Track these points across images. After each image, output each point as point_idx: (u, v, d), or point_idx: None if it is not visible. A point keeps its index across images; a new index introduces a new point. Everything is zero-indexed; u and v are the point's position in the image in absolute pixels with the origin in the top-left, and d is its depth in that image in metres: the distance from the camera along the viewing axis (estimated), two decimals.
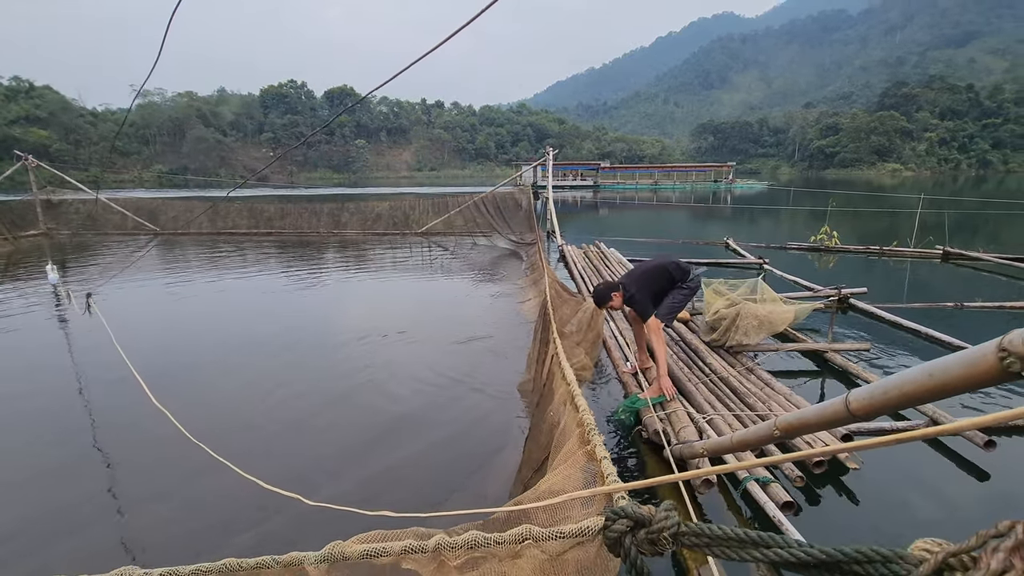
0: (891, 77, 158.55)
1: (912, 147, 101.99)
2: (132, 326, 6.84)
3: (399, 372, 5.34)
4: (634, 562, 0.75)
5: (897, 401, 1.06)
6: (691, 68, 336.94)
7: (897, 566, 0.55)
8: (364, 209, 17.38)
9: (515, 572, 0.81)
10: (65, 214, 17.74)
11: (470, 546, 0.82)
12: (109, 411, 4.59)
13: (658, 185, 54.61)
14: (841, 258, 11.73)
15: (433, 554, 0.82)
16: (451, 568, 0.80)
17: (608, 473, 0.93)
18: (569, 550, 0.83)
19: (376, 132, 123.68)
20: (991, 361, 0.83)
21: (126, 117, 60.27)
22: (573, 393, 1.22)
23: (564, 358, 1.80)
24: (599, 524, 0.81)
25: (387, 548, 0.80)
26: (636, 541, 0.75)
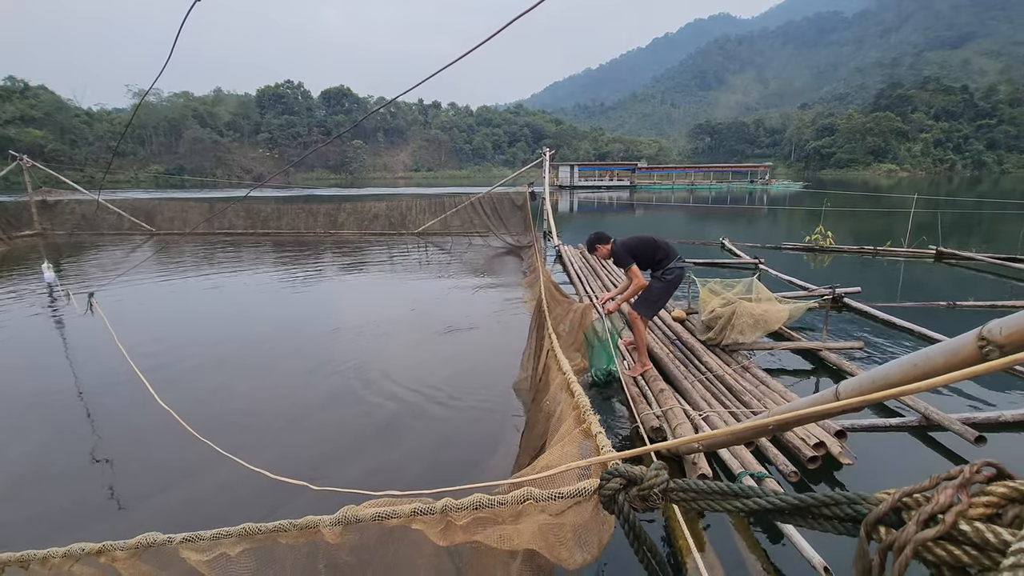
0: (886, 78, 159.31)
1: (907, 148, 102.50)
2: (131, 325, 6.82)
3: (394, 369, 5.34)
4: (627, 517, 0.80)
5: (884, 390, 1.08)
6: (688, 69, 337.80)
7: (860, 506, 0.58)
8: (361, 209, 17.37)
9: (516, 536, 0.84)
10: (61, 214, 17.67)
11: (475, 507, 0.86)
12: (113, 409, 4.61)
13: (694, 185, 54.15)
14: (836, 258, 11.78)
15: (441, 515, 0.86)
16: (457, 528, 0.84)
17: (603, 445, 0.97)
18: (568, 510, 0.87)
19: (373, 132, 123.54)
20: (971, 349, 0.85)
21: (132, 118, 60.18)
22: (569, 380, 1.24)
23: (559, 350, 1.83)
24: (595, 485, 0.86)
25: (397, 511, 0.84)
26: (629, 498, 0.81)
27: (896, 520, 0.51)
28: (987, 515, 0.45)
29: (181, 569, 0.83)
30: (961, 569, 0.45)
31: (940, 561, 0.46)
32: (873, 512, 0.52)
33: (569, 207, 33.29)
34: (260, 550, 0.85)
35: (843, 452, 3.48)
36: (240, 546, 0.83)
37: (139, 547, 0.83)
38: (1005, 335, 0.77)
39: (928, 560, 0.47)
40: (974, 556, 0.44)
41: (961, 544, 0.46)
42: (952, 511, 0.46)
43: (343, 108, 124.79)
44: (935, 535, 0.45)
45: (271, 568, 0.85)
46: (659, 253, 4.72)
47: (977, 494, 0.47)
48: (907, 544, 0.46)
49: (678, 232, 18.82)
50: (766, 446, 3.57)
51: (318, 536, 0.83)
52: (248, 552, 0.84)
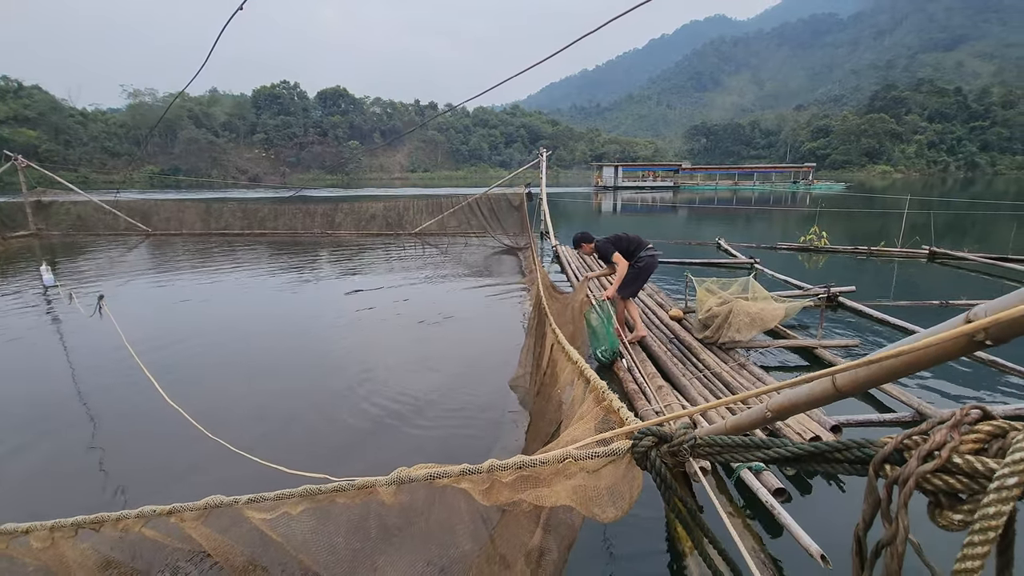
0: (881, 80, 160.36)
1: (902, 149, 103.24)
2: (136, 327, 6.84)
3: (393, 367, 5.40)
4: (659, 471, 0.89)
5: (878, 375, 1.13)
6: (683, 70, 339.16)
7: (868, 449, 0.66)
8: (358, 210, 17.41)
9: (553, 496, 0.90)
10: (56, 215, 17.62)
11: (519, 466, 0.92)
12: (123, 410, 4.65)
13: (738, 186, 54.04)
14: (830, 258, 11.90)
15: (487, 474, 0.92)
16: (502, 486, 0.90)
17: (627, 417, 1.03)
18: (603, 468, 0.94)
19: (369, 133, 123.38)
20: (959, 332, 0.90)
21: (162, 115, 59.92)
22: (582, 368, 1.31)
23: (567, 343, 1.88)
24: (628, 445, 0.93)
25: (447, 471, 0.92)
26: (660, 454, 0.87)
27: (899, 459, 0.59)
28: (975, 449, 0.53)
29: (241, 530, 0.89)
30: (954, 495, 0.53)
31: (937, 490, 0.53)
32: (880, 452, 0.60)
33: (612, 208, 33.21)
34: (319, 510, 0.91)
35: None
36: (301, 506, 0.89)
37: (207, 508, 0.89)
38: (990, 318, 0.83)
39: (927, 490, 0.55)
40: (965, 483, 0.52)
41: (955, 474, 0.54)
42: (947, 447, 0.53)
43: (339, 109, 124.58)
44: (933, 468, 0.53)
45: (328, 526, 0.91)
46: (632, 245, 5.62)
47: (967, 432, 0.54)
48: (910, 477, 0.53)
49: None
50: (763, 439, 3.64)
51: (374, 496, 0.89)
52: (308, 511, 0.90)
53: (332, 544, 0.96)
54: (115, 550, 0.96)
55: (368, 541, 0.96)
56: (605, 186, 53.99)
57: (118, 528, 0.90)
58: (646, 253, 5.60)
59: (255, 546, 0.98)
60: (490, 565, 0.99)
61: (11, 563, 0.95)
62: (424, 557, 0.98)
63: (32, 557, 0.91)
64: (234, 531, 0.94)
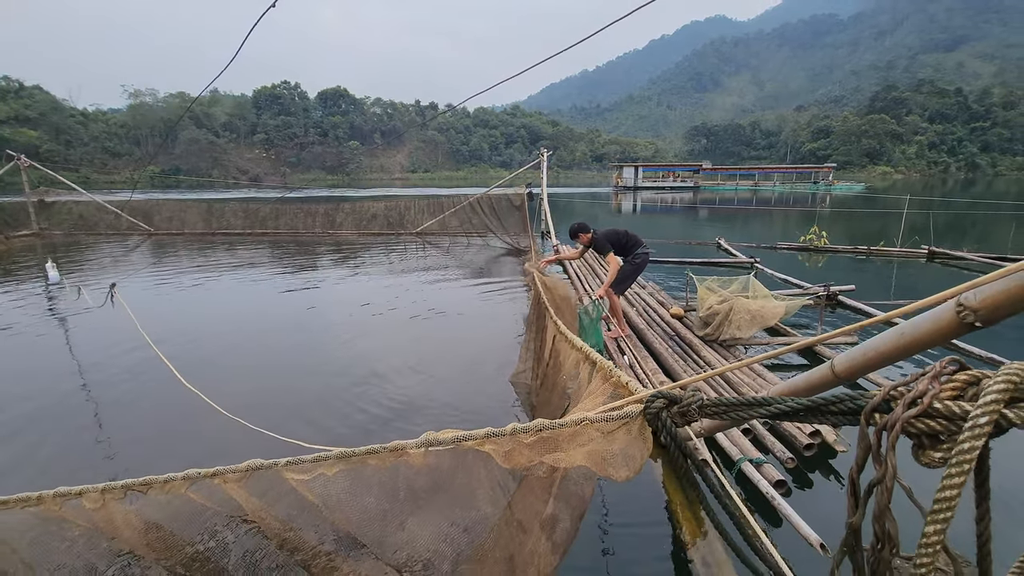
0: (881, 81, 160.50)
1: (902, 150, 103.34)
2: (146, 318, 6.93)
3: (396, 362, 5.46)
4: (669, 431, 0.96)
5: (875, 360, 1.19)
6: (684, 71, 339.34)
7: (859, 401, 0.73)
8: (360, 209, 17.45)
9: (569, 459, 0.96)
10: (58, 214, 17.68)
11: (539, 429, 0.97)
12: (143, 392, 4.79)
13: (758, 187, 54.19)
14: (830, 258, 11.95)
15: (510, 436, 0.98)
16: (523, 448, 0.95)
17: (636, 388, 1.08)
18: (617, 430, 1.01)
19: (370, 133, 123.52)
20: (951, 316, 0.96)
21: (187, 109, 59.97)
22: (587, 352, 1.36)
23: (568, 332, 1.93)
24: (640, 408, 1.00)
25: (472, 434, 0.98)
26: (671, 415, 0.93)
27: (887, 408, 0.65)
28: (953, 396, 0.59)
29: (279, 492, 0.95)
30: (935, 436, 0.58)
31: (921, 433, 0.59)
32: (870, 403, 0.65)
33: (632, 208, 33.19)
34: (352, 472, 0.97)
35: (837, 440, 3.61)
36: (337, 467, 0.95)
37: (248, 470, 0.94)
38: (979, 300, 0.89)
39: (912, 433, 0.61)
40: (945, 425, 0.58)
41: (935, 418, 0.60)
42: (928, 395, 0.59)
43: (340, 109, 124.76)
44: (917, 413, 0.59)
45: (360, 488, 0.97)
46: (628, 241, 5.81)
47: (946, 382, 0.60)
48: (897, 422, 0.59)
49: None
50: (763, 434, 3.69)
51: (404, 458, 0.95)
52: (343, 473, 0.96)
53: (364, 504, 1.03)
54: (158, 514, 1.01)
55: (397, 503, 1.03)
56: (625, 186, 54.10)
57: (165, 490, 0.96)
58: (641, 250, 5.83)
59: (291, 508, 1.04)
60: (509, 529, 1.05)
61: (60, 526, 1.00)
62: (448, 518, 1.05)
63: (83, 519, 0.96)
64: (272, 493, 1.00)
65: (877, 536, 0.63)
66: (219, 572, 1.05)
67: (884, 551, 0.62)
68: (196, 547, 1.05)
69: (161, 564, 1.02)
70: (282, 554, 1.05)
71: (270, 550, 1.08)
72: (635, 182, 54.25)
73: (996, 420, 0.55)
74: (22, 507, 0.96)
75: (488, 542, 1.05)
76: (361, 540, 1.05)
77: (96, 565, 1.04)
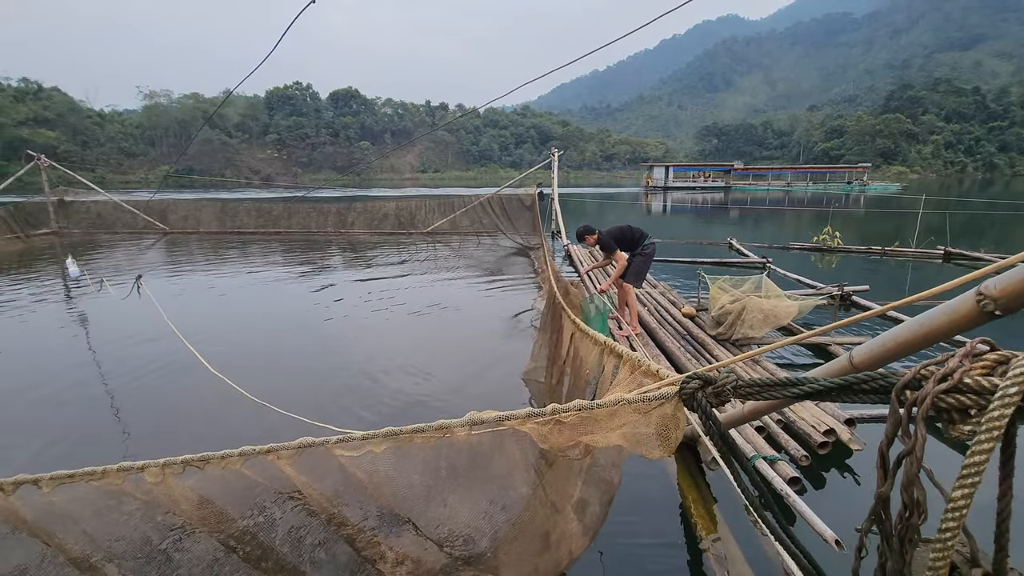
0: (896, 80, 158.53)
1: (918, 150, 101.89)
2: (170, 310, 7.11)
3: (410, 360, 5.51)
4: (704, 410, 0.99)
5: (894, 351, 1.21)
6: (695, 71, 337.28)
7: (891, 379, 0.75)
8: (371, 209, 17.58)
9: (605, 439, 0.99)
10: (76, 213, 17.98)
11: (578, 408, 1.01)
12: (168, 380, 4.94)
13: (790, 187, 53.60)
14: (844, 258, 11.85)
15: (550, 416, 1.01)
16: (562, 428, 0.99)
17: (666, 375, 1.11)
18: (653, 409, 1.04)
19: (380, 134, 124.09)
20: (970, 305, 0.98)
21: (218, 106, 60.89)
22: (611, 345, 1.39)
23: (589, 329, 1.97)
24: (675, 390, 1.05)
25: (514, 414, 1.01)
26: (706, 395, 0.96)
27: (917, 385, 0.67)
28: (983, 373, 0.61)
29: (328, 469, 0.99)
30: (964, 411, 0.61)
31: (950, 407, 0.63)
32: (901, 380, 0.69)
33: (663, 208, 33.03)
34: (399, 450, 1.01)
35: (852, 439, 3.60)
36: (384, 445, 0.99)
37: (300, 447, 0.99)
38: (999, 289, 0.91)
39: (941, 408, 0.64)
40: (974, 400, 0.61)
41: (965, 393, 0.62)
42: (959, 371, 0.62)
43: (351, 110, 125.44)
44: (947, 388, 0.62)
45: (406, 465, 1.02)
46: (635, 235, 5.91)
47: (975, 360, 0.62)
48: (927, 397, 0.62)
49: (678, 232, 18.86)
50: (777, 432, 3.69)
51: (449, 436, 0.99)
52: (390, 451, 1.00)
53: (410, 481, 1.07)
54: (213, 489, 1.07)
55: (439, 480, 1.07)
56: (656, 186, 53.86)
57: (221, 466, 1.01)
58: (649, 242, 5.97)
59: (338, 485, 1.09)
60: (544, 509, 1.09)
61: (119, 500, 1.06)
62: (487, 496, 1.09)
63: (143, 493, 1.02)
64: (320, 470, 1.05)
65: (906, 505, 0.66)
66: (266, 546, 1.11)
67: (913, 518, 0.65)
68: (246, 522, 1.11)
69: (214, 537, 1.08)
70: (328, 529, 1.10)
71: (313, 527, 1.13)
72: (665, 182, 53.98)
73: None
74: (87, 480, 1.02)
75: (524, 520, 1.09)
76: (403, 516, 1.10)
77: (151, 538, 1.10)
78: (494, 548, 1.06)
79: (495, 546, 1.06)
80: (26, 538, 1.06)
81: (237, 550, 1.09)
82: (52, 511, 1.03)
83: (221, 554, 1.11)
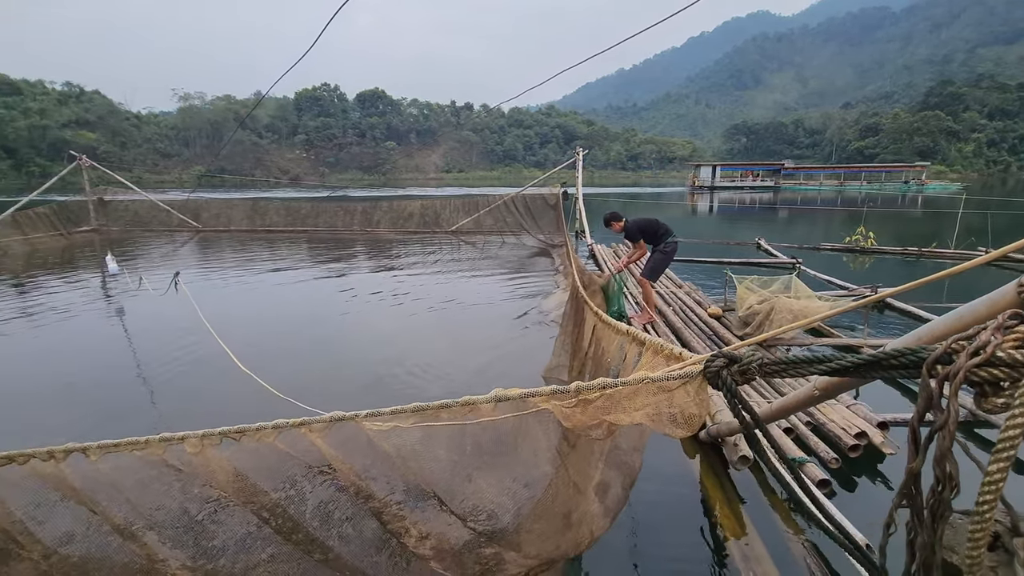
0: (936, 76, 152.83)
1: (958, 148, 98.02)
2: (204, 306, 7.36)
3: (431, 355, 5.58)
4: (730, 388, 1.00)
5: (931, 344, 1.18)
6: (724, 68, 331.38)
7: (921, 353, 0.75)
8: (396, 208, 17.81)
9: (628, 418, 1.00)
10: (115, 211, 18.67)
11: (602, 387, 1.02)
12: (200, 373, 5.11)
13: (843, 186, 52.37)
14: (878, 259, 11.51)
15: (575, 394, 1.02)
16: (586, 406, 1.00)
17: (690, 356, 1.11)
18: (678, 388, 1.05)
19: (406, 134, 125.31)
20: (1011, 296, 0.95)
21: (256, 104, 62.88)
22: (634, 334, 1.39)
23: (611, 319, 1.97)
24: (700, 368, 1.05)
25: (539, 391, 1.03)
26: (731, 373, 0.97)
27: (948, 360, 0.66)
28: (1016, 346, 0.59)
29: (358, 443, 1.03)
30: (996, 384, 0.60)
31: (983, 381, 0.62)
32: (932, 355, 0.68)
33: (708, 208, 32.48)
34: (426, 426, 1.04)
35: (885, 442, 3.50)
36: (412, 420, 1.03)
37: (331, 420, 1.03)
38: None
39: (974, 382, 0.62)
40: (1007, 372, 0.60)
41: (997, 366, 0.61)
42: (991, 345, 0.61)
43: (377, 110, 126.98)
44: (980, 361, 0.61)
45: (432, 440, 1.05)
46: (660, 230, 6.07)
47: (1008, 333, 0.61)
48: (960, 371, 0.61)
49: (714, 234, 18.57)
50: (806, 434, 3.62)
51: (475, 412, 1.01)
52: (417, 426, 1.03)
53: (436, 455, 1.10)
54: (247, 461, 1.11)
55: (464, 456, 1.10)
56: (701, 186, 53.17)
57: (256, 438, 1.05)
58: (671, 239, 6.13)
59: (366, 459, 1.12)
60: (566, 488, 1.10)
61: (160, 470, 1.11)
62: (511, 474, 1.11)
63: (183, 463, 1.07)
64: (350, 444, 1.08)
65: (938, 479, 0.65)
66: (297, 520, 1.15)
67: (945, 492, 0.64)
68: (278, 494, 1.15)
69: (248, 508, 1.12)
70: (356, 503, 1.14)
71: (341, 502, 1.17)
72: (712, 182, 53.12)
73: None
74: (131, 450, 1.07)
75: (546, 498, 1.11)
76: (428, 490, 1.13)
77: (188, 508, 1.16)
78: (516, 524, 1.08)
79: (518, 523, 1.08)
80: (74, 506, 1.13)
81: (270, 522, 1.14)
82: (98, 479, 1.09)
83: (254, 528, 1.16)
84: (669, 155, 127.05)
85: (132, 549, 1.12)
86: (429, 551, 1.12)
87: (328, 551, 1.14)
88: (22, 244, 14.54)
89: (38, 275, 10.44)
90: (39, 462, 1.06)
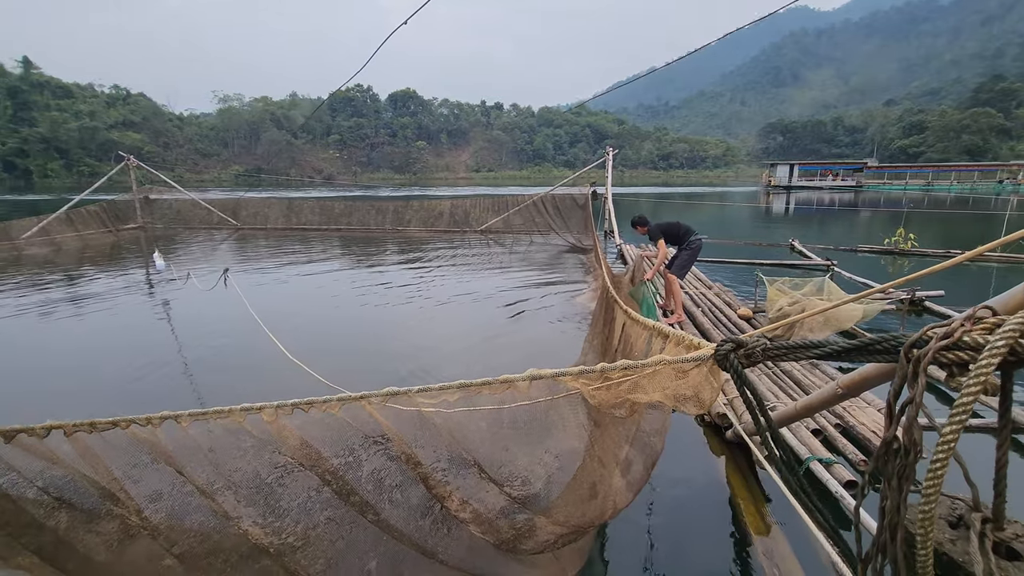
0: (987, 71, 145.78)
1: (1010, 147, 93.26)
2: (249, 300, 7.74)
3: (458, 351, 5.72)
4: (736, 370, 1.11)
5: None
6: (760, 65, 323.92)
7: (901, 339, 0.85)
8: (427, 207, 18.11)
9: (647, 396, 1.10)
10: (159, 209, 19.55)
11: (624, 368, 1.11)
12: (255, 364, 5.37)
13: (931, 186, 50.39)
14: (918, 262, 11.16)
15: (599, 373, 1.13)
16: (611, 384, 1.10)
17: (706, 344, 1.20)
18: (691, 369, 1.16)
19: (436, 134, 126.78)
20: None
21: (322, 103, 65.08)
22: (659, 328, 1.48)
23: (639, 316, 2.05)
24: (710, 352, 1.16)
25: (568, 371, 1.14)
26: (738, 357, 1.05)
27: (923, 344, 0.74)
28: (982, 334, 0.67)
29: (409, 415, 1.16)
30: (963, 365, 0.68)
31: (951, 362, 0.69)
32: (909, 340, 0.75)
33: (784, 209, 31.30)
34: (469, 400, 1.17)
35: None
36: (456, 395, 1.15)
37: (388, 394, 1.16)
38: None
39: (943, 363, 0.70)
40: (971, 355, 0.68)
41: (963, 350, 0.69)
42: (959, 331, 0.69)
43: (408, 110, 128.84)
44: (947, 344, 0.70)
45: (475, 414, 1.17)
46: (682, 231, 6.42)
47: (975, 323, 0.69)
48: (929, 352, 0.69)
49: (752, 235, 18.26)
50: (834, 436, 3.61)
51: (512, 388, 1.13)
52: (462, 400, 1.16)
53: (478, 426, 1.22)
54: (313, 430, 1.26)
55: (502, 428, 1.22)
56: (777, 186, 51.77)
57: (322, 409, 1.19)
58: (695, 237, 6.42)
59: (416, 429, 1.26)
60: (592, 462, 1.21)
61: (236, 438, 1.27)
62: (543, 447, 1.22)
63: (258, 431, 1.22)
64: (403, 416, 1.22)
65: (905, 446, 0.72)
66: (353, 485, 1.28)
67: (910, 456, 0.72)
68: (338, 460, 1.30)
69: (312, 471, 1.27)
70: (405, 470, 1.27)
71: (391, 470, 1.30)
72: (789, 181, 51.49)
73: (1012, 345, 0.63)
74: (216, 418, 1.23)
75: (575, 471, 1.21)
76: (470, 458, 1.25)
77: (260, 472, 1.31)
78: (547, 492, 1.19)
79: (548, 490, 1.19)
80: (164, 467, 1.29)
81: (331, 484, 1.28)
82: (187, 444, 1.25)
83: (314, 492, 1.30)
84: (702, 154, 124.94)
85: (210, 507, 1.28)
86: (469, 515, 1.24)
87: (379, 513, 1.28)
88: (75, 240, 15.39)
89: (88, 271, 11.05)
90: (138, 427, 1.23)
